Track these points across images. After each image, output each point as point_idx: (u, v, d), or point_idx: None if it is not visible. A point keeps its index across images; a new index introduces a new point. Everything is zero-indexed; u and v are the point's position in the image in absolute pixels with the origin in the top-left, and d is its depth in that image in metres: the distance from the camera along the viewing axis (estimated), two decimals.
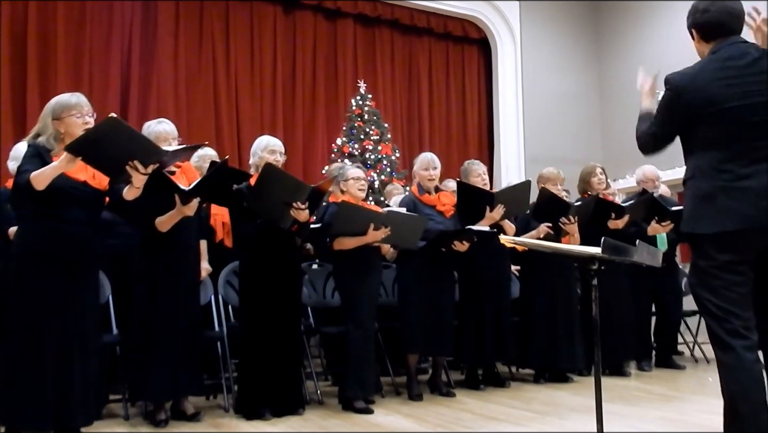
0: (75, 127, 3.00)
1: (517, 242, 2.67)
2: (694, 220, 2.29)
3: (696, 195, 2.29)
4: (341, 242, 3.91)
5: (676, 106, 2.31)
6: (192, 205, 3.38)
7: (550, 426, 3.39)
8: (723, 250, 2.22)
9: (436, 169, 4.35)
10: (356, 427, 3.44)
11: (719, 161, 2.24)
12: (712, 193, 2.23)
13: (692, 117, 2.28)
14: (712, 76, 2.26)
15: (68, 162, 2.80)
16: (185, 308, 3.51)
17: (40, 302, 2.91)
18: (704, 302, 2.28)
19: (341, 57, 8.18)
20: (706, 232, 2.25)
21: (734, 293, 2.23)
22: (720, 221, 2.21)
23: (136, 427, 3.47)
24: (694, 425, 3.34)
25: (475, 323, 4.43)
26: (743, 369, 2.17)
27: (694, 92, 2.26)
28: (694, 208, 2.30)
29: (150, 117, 6.79)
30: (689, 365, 5.38)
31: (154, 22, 7.08)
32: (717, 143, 2.25)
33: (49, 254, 2.94)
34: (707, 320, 2.29)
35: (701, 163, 2.28)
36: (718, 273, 2.24)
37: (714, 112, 2.23)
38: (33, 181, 2.82)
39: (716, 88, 2.24)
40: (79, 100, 3.05)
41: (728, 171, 2.22)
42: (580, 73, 9.43)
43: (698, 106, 2.25)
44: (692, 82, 2.29)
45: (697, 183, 2.29)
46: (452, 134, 8.91)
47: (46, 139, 2.99)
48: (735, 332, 2.20)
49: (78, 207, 3.01)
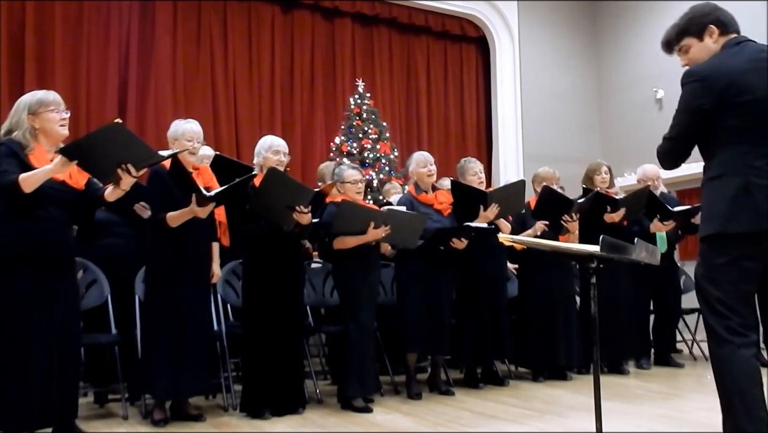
0: (52, 123, 2.98)
1: (516, 241, 2.67)
2: (725, 219, 2.18)
3: (727, 193, 2.19)
4: (342, 241, 3.91)
5: (706, 96, 2.22)
6: (206, 209, 3.39)
7: (549, 424, 3.39)
8: (739, 246, 2.18)
9: (432, 165, 4.38)
10: (355, 426, 3.44)
11: (751, 156, 2.17)
12: (747, 190, 2.16)
13: (724, 106, 2.19)
14: (740, 66, 2.20)
15: (62, 165, 2.78)
16: (195, 307, 3.52)
17: (19, 303, 2.88)
18: (708, 296, 2.24)
19: (339, 56, 8.18)
20: (742, 231, 2.16)
21: (740, 289, 2.20)
22: (758, 220, 2.13)
23: (135, 427, 3.47)
24: (693, 422, 3.34)
25: (474, 321, 4.43)
26: (740, 364, 2.15)
27: (727, 79, 2.19)
28: (725, 207, 2.19)
29: (148, 116, 6.83)
30: (688, 363, 5.39)
31: (152, 21, 7.07)
32: (748, 136, 2.18)
33: (28, 254, 2.91)
34: (707, 314, 2.26)
35: (730, 159, 2.21)
36: (728, 268, 2.20)
37: (748, 100, 2.17)
38: (22, 184, 2.78)
39: (749, 77, 2.18)
40: (56, 97, 3.03)
41: (760, 168, 2.16)
42: (578, 72, 9.43)
43: (732, 94, 2.18)
44: (723, 71, 2.22)
45: (727, 180, 2.20)
46: (450, 133, 8.90)
47: (22, 135, 2.94)
48: (733, 330, 2.18)
49: (56, 207, 2.99)
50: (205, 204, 3.36)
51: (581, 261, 2.27)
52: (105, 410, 3.90)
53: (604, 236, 2.18)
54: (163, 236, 3.44)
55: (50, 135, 3.00)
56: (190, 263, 3.52)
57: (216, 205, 3.50)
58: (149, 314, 3.53)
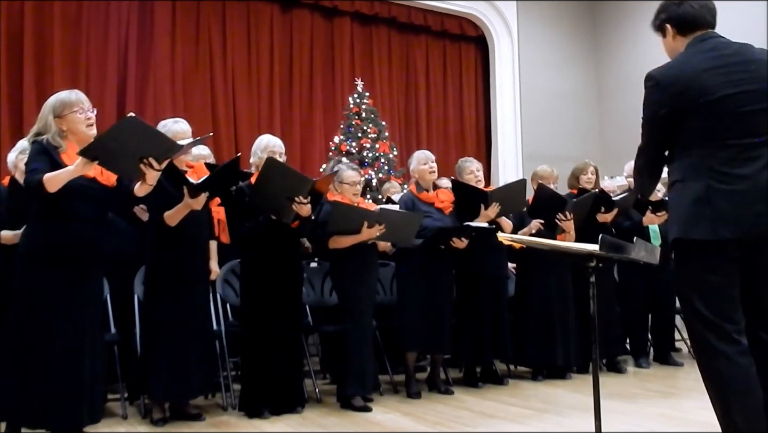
0: (78, 124, 2.98)
1: (514, 240, 2.67)
2: (687, 225, 2.12)
3: (688, 198, 2.13)
4: (336, 241, 3.92)
5: (663, 101, 2.18)
6: (200, 200, 3.38)
7: (548, 424, 3.39)
8: (714, 252, 2.09)
9: (434, 162, 4.40)
10: (355, 425, 3.44)
11: (712, 160, 2.10)
12: (706, 195, 2.09)
13: (681, 110, 2.14)
14: (699, 66, 2.14)
15: (84, 165, 2.77)
16: (194, 307, 3.52)
17: (46, 302, 2.89)
18: (692, 302, 2.13)
19: (338, 55, 8.17)
20: (701, 238, 2.09)
21: (726, 295, 2.10)
22: (714, 228, 2.06)
23: (135, 426, 3.47)
24: (692, 421, 3.35)
25: (473, 321, 4.43)
26: (737, 377, 2.04)
27: (683, 82, 2.14)
28: (686, 212, 2.13)
29: (147, 116, 6.81)
30: (687, 362, 5.39)
31: (151, 20, 7.06)
32: (709, 139, 2.11)
33: (58, 254, 2.92)
34: (695, 324, 2.14)
35: (692, 162, 2.14)
36: (708, 275, 2.11)
37: (706, 102, 2.10)
38: (46, 183, 2.78)
39: (706, 78, 2.11)
40: (79, 97, 3.03)
41: (722, 171, 2.08)
42: (578, 71, 9.43)
43: (689, 98, 2.12)
44: (679, 74, 2.17)
45: (689, 185, 2.14)
46: (450, 132, 8.90)
47: (51, 137, 2.94)
48: (726, 337, 2.07)
49: (87, 205, 2.99)
50: (197, 195, 3.35)
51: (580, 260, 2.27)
52: (104, 409, 3.89)
53: (604, 234, 2.18)
54: (163, 237, 3.44)
55: (78, 136, 2.99)
56: (190, 263, 3.52)
57: (211, 197, 3.50)
58: (149, 314, 3.53)
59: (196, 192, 3.35)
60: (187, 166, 3.58)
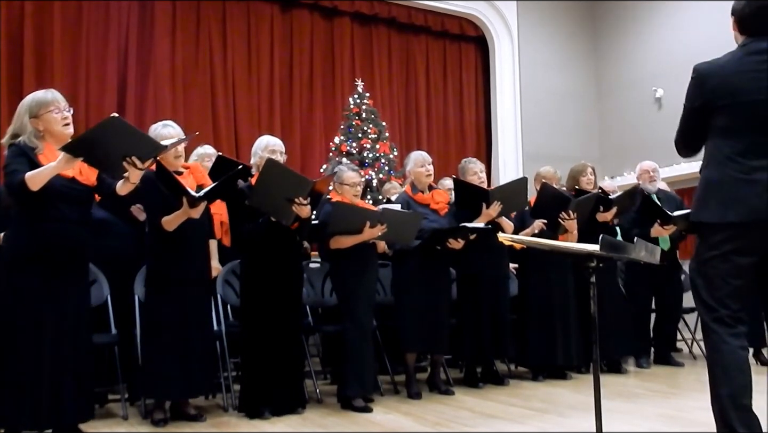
0: (54, 124, 2.96)
1: (515, 240, 2.66)
2: (700, 208, 2.31)
3: (706, 184, 2.31)
4: (338, 241, 3.91)
5: (699, 93, 2.32)
6: (199, 209, 3.37)
7: (549, 424, 3.39)
8: (726, 240, 2.24)
9: (430, 165, 4.38)
10: (355, 426, 3.44)
11: (732, 152, 2.24)
12: (721, 182, 2.25)
13: (711, 105, 2.28)
14: (736, 68, 2.27)
15: (66, 162, 2.76)
16: (195, 307, 3.51)
17: (32, 304, 2.88)
18: (698, 288, 2.32)
19: (338, 55, 8.18)
20: (709, 221, 2.26)
21: (728, 284, 2.25)
22: (723, 211, 2.22)
23: (135, 427, 3.47)
24: (693, 422, 3.34)
25: (474, 321, 4.43)
26: (726, 353, 2.21)
27: (718, 80, 2.28)
28: (700, 197, 2.32)
29: (147, 116, 6.82)
30: (688, 362, 5.39)
31: (151, 21, 7.07)
32: (732, 134, 2.25)
33: (41, 256, 2.90)
34: (697, 306, 2.34)
35: (715, 152, 2.30)
36: (717, 263, 2.26)
37: (733, 103, 2.24)
38: (28, 182, 2.78)
39: (739, 80, 2.24)
40: (55, 96, 3.00)
41: (739, 162, 2.22)
42: (578, 71, 9.43)
43: (718, 96, 2.26)
44: (718, 71, 2.30)
45: (709, 172, 2.31)
46: (450, 132, 8.91)
47: (28, 138, 2.92)
48: (720, 320, 2.24)
49: (67, 205, 2.97)
50: (196, 204, 3.36)
51: (580, 260, 2.27)
52: (105, 410, 3.89)
53: (604, 235, 2.18)
54: (162, 237, 3.44)
55: (55, 135, 2.98)
56: (190, 263, 3.52)
57: (210, 202, 3.49)
58: (149, 314, 3.53)
59: (196, 202, 3.35)
60: (184, 167, 3.57)
